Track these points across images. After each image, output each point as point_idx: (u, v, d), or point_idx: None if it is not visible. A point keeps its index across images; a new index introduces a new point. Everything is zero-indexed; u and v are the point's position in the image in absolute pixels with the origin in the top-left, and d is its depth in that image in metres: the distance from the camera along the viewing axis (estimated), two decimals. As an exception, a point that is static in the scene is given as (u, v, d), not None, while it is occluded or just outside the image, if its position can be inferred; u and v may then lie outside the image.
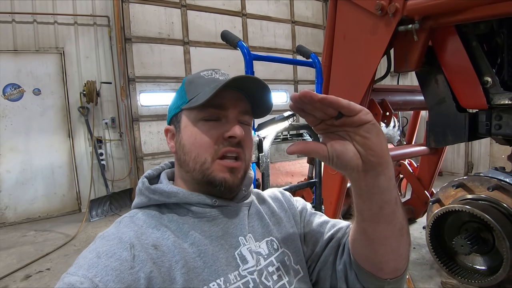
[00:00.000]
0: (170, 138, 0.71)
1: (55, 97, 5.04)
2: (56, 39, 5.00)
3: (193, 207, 0.64)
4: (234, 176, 0.64)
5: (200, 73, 0.70)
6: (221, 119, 0.65)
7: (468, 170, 6.41)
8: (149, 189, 0.65)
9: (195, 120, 0.65)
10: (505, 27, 1.69)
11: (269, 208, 0.76)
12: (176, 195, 0.64)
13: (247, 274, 0.62)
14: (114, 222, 0.64)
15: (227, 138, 0.63)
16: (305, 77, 7.64)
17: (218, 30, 6.36)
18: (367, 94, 2.38)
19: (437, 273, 2.79)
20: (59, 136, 5.09)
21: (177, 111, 0.68)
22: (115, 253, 0.53)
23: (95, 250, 0.54)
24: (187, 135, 0.65)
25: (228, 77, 0.67)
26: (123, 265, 0.52)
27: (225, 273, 0.59)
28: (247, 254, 0.64)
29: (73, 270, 0.51)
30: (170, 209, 0.65)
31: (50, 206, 5.04)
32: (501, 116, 1.74)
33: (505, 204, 1.33)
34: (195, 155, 0.64)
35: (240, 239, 0.65)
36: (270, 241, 0.69)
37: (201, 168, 0.63)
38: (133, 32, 5.53)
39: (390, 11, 1.91)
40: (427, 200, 3.75)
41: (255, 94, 0.67)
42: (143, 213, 0.64)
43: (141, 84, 5.68)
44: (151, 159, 5.86)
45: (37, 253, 3.60)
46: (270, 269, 0.65)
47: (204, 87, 0.65)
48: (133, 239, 0.57)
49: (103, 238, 0.58)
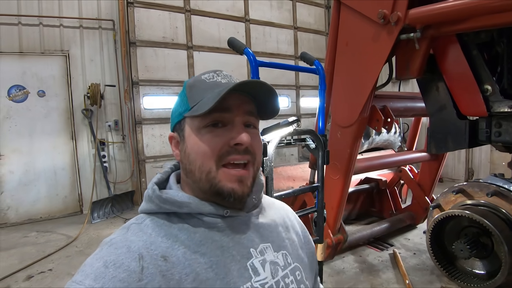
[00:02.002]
0: (174, 146, 0.68)
1: (59, 99, 5.08)
2: (61, 41, 5.07)
3: (205, 217, 0.62)
4: (243, 186, 0.62)
5: (201, 76, 0.67)
6: (226, 124, 0.62)
7: (468, 177, 6.42)
8: (160, 198, 0.62)
9: (199, 127, 0.62)
10: (505, 37, 1.73)
11: (284, 222, 0.77)
12: (188, 205, 0.61)
13: (259, 286, 0.60)
14: (120, 228, 0.61)
15: (233, 146, 0.60)
16: (307, 83, 7.69)
17: (221, 35, 6.43)
18: (369, 100, 2.42)
19: (437, 279, 2.80)
20: (63, 138, 5.12)
21: (180, 118, 0.65)
22: (123, 263, 0.51)
23: (102, 259, 0.52)
24: (191, 144, 0.62)
25: (231, 79, 0.66)
26: (131, 277, 0.50)
27: (237, 286, 0.58)
28: (259, 267, 0.63)
29: (79, 279, 0.49)
30: (180, 218, 0.62)
31: (52, 207, 5.06)
32: (501, 124, 1.78)
33: (504, 209, 1.35)
34: (199, 164, 0.61)
35: (251, 250, 0.64)
36: (285, 255, 0.69)
37: (207, 177, 0.61)
38: (138, 36, 5.60)
39: (392, 20, 1.96)
40: (427, 206, 3.77)
41: (262, 97, 0.65)
42: (151, 220, 0.61)
43: (144, 87, 5.74)
44: (153, 162, 5.90)
45: (38, 254, 3.62)
46: (286, 280, 0.65)
47: (207, 93, 0.62)
48: (142, 249, 0.54)
49: (111, 245, 0.55)
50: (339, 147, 2.60)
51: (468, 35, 1.85)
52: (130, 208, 5.38)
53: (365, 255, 3.39)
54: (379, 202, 4.25)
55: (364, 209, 4.37)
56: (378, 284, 2.81)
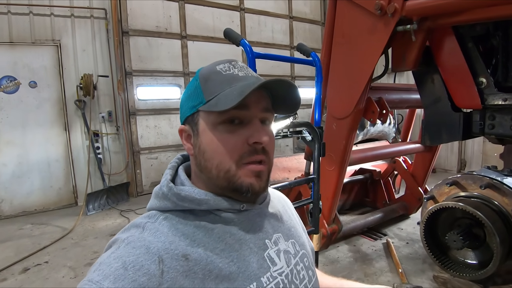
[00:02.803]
0: (185, 139, 0.65)
1: (52, 90, 5.00)
2: (52, 31, 4.95)
3: (223, 213, 0.62)
4: (260, 181, 0.62)
5: (216, 67, 0.63)
6: (243, 120, 0.60)
7: (461, 168, 6.52)
8: (178, 196, 0.60)
9: (215, 123, 0.60)
10: (501, 30, 1.74)
11: (285, 210, 0.79)
12: (207, 202, 0.61)
13: (277, 275, 0.62)
14: (132, 226, 0.59)
15: (252, 144, 0.59)
16: (302, 73, 7.67)
17: (216, 25, 6.35)
18: (365, 92, 2.43)
19: (430, 268, 2.87)
20: (56, 130, 5.06)
21: (193, 111, 0.62)
22: (143, 266, 0.49)
23: (120, 259, 0.50)
24: (207, 141, 0.61)
25: (248, 72, 0.63)
26: (151, 281, 0.49)
27: (257, 277, 0.59)
28: (275, 257, 0.65)
29: (97, 278, 0.48)
30: (195, 215, 0.61)
31: (46, 200, 5.03)
32: (495, 116, 1.80)
33: (496, 201, 1.38)
34: (217, 162, 0.60)
35: (266, 241, 0.66)
36: (293, 243, 0.71)
37: (226, 175, 0.60)
38: (131, 25, 5.50)
39: (389, 11, 1.95)
40: (420, 197, 3.83)
41: (280, 92, 0.63)
42: (165, 218, 0.60)
43: (138, 78, 5.67)
44: (148, 153, 5.88)
45: (34, 246, 3.62)
46: (297, 268, 0.68)
47: (223, 86, 0.59)
48: (161, 251, 0.53)
49: (128, 243, 0.53)
50: (335, 139, 2.61)
51: (464, 27, 1.85)
52: (125, 200, 5.38)
53: (359, 244, 3.45)
54: (373, 192, 4.30)
55: (358, 199, 4.42)
56: (372, 273, 2.87)
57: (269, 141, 0.61)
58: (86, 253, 3.44)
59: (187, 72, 6.07)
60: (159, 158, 6.03)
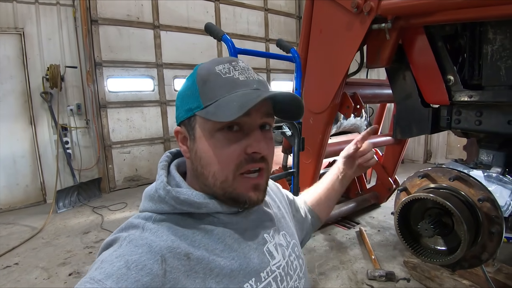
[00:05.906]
0: (181, 141, 0.64)
1: (15, 82, 4.69)
2: (15, 18, 4.61)
3: (222, 215, 0.62)
4: (258, 193, 0.62)
5: (215, 67, 0.60)
6: (242, 127, 0.59)
7: (427, 158, 6.89)
8: (177, 200, 0.58)
9: (212, 130, 0.58)
10: (468, 30, 1.84)
11: (274, 201, 0.81)
12: (207, 206, 0.60)
13: (275, 269, 0.64)
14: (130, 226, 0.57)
15: (250, 153, 0.58)
16: (277, 66, 7.70)
17: (190, 15, 6.20)
18: (341, 87, 2.50)
19: (400, 253, 3.04)
20: (20, 124, 4.77)
21: (190, 114, 0.60)
22: (146, 265, 0.49)
23: (123, 257, 0.49)
24: (204, 148, 0.59)
25: (249, 74, 0.61)
26: (155, 281, 0.48)
27: (257, 273, 0.60)
28: (273, 250, 0.66)
29: (99, 277, 0.46)
30: (193, 217, 0.61)
31: (12, 198, 4.76)
32: (461, 112, 1.92)
33: (463, 192, 1.49)
34: (214, 171, 0.59)
35: (265, 236, 0.67)
36: (284, 235, 0.73)
37: (222, 185, 0.59)
38: (100, 13, 5.26)
39: (365, 10, 2.01)
40: (390, 187, 4.02)
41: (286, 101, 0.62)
42: (162, 219, 0.58)
43: (108, 69, 5.45)
44: (120, 147, 5.71)
45: (2, 248, 3.43)
46: (291, 258, 0.70)
47: (222, 92, 0.57)
48: (164, 250, 0.52)
49: (130, 241, 0.52)
50: (312, 133, 2.68)
51: (434, 27, 1.94)
52: (97, 196, 5.21)
53: (334, 233, 3.58)
54: (346, 183, 4.44)
55: (333, 190, 4.55)
56: (347, 260, 3.00)
57: (268, 149, 0.61)
58: (58, 252, 3.32)
59: (160, 63, 5.91)
60: (132, 152, 5.87)
